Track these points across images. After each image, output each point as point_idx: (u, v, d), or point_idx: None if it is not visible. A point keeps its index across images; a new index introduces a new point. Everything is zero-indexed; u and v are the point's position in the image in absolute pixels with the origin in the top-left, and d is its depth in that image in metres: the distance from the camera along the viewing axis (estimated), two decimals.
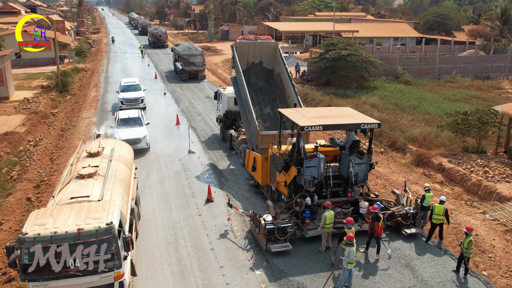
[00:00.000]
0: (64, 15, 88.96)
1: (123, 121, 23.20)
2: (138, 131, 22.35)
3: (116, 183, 12.36)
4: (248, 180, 19.01)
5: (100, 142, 14.78)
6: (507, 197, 17.25)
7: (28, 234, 9.53)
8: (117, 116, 23.79)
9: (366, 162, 14.91)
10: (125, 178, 13.33)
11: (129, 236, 10.38)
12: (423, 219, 14.83)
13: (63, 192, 11.65)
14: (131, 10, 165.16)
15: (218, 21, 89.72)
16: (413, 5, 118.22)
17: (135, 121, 23.21)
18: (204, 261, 13.25)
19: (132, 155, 15.71)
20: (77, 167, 12.97)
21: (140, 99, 30.23)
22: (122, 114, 23.85)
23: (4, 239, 14.30)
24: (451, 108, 28.32)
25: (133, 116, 23.58)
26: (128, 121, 23.12)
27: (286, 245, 13.51)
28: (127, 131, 22.18)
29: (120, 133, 21.74)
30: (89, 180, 12.12)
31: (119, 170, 13.33)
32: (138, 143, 21.67)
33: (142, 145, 21.94)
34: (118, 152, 14.54)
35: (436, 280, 12.49)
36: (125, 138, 20.55)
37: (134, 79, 33.13)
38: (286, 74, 21.10)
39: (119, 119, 23.29)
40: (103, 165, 13.09)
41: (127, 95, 30.15)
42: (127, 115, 23.62)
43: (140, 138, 21.96)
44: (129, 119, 23.32)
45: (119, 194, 11.89)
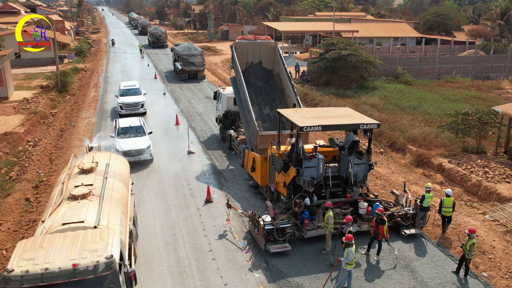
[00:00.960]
0: (64, 15, 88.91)
1: (124, 130, 21.66)
2: (140, 141, 20.86)
3: (113, 204, 11.13)
4: (247, 181, 18.97)
5: (94, 157, 13.40)
6: (507, 197, 17.21)
7: (14, 272, 8.14)
8: (117, 124, 22.16)
9: (365, 163, 14.88)
10: (123, 197, 12.14)
11: (132, 271, 9.17)
12: (422, 220, 14.80)
13: (54, 216, 10.22)
14: (131, 10, 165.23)
15: (218, 21, 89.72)
16: (413, 5, 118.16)
17: (137, 130, 21.74)
18: (203, 262, 13.21)
19: (128, 169, 14.32)
20: (68, 186, 11.65)
21: (141, 103, 29.04)
22: (123, 123, 22.25)
23: (3, 240, 14.27)
24: (451, 108, 28.28)
25: (134, 124, 22.05)
26: (129, 130, 21.66)
27: (285, 245, 13.47)
28: (129, 141, 20.81)
29: (122, 144, 20.46)
30: (83, 201, 10.77)
31: (116, 188, 12.10)
32: (141, 155, 20.39)
33: (145, 157, 20.56)
34: (114, 168, 13.17)
35: (436, 281, 12.45)
36: (127, 149, 19.80)
37: (134, 83, 31.93)
38: (286, 74, 21.06)
39: (119, 128, 21.68)
40: (97, 183, 11.76)
41: (126, 99, 29.00)
42: (128, 124, 22.07)
43: (144, 149, 20.44)
44: (130, 128, 21.80)
45: (117, 217, 10.70)
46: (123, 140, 20.95)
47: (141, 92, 30.27)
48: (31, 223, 15.37)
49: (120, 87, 30.83)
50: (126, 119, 23.16)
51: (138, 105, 28.88)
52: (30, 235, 14.47)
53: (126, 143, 20.61)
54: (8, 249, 13.88)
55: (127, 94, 29.63)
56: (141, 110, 28.91)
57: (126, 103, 28.58)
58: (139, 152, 20.32)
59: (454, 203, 14.67)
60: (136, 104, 28.79)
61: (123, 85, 31.00)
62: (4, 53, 32.19)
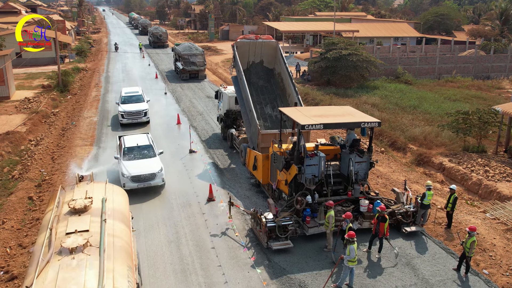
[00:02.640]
0: (64, 15, 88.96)
1: (131, 150, 18.76)
2: (151, 164, 18.01)
3: (118, 258, 8.75)
4: (249, 179, 19.06)
5: (86, 190, 10.73)
6: (507, 196, 17.30)
7: None
8: (122, 143, 19.28)
9: (366, 161, 14.98)
10: (126, 244, 9.65)
11: None
12: (423, 217, 14.89)
13: (43, 280, 7.70)
14: (131, 10, 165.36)
15: (218, 21, 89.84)
16: (413, 5, 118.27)
17: (145, 150, 18.90)
18: (205, 260, 13.30)
19: (127, 202, 11.75)
20: (58, 233, 9.04)
21: (143, 112, 26.86)
22: (129, 141, 19.29)
23: (6, 238, 14.37)
24: (451, 108, 28.37)
25: (142, 143, 19.19)
26: (137, 151, 18.82)
27: (287, 242, 13.57)
28: (137, 164, 17.95)
29: (129, 167, 17.63)
30: (79, 257, 8.23)
31: (118, 233, 9.60)
32: (153, 180, 17.51)
33: (157, 182, 17.66)
34: (112, 203, 10.54)
35: (437, 278, 12.53)
36: (135, 174, 17.26)
37: (136, 89, 29.79)
38: (287, 73, 21.15)
39: (125, 148, 18.78)
40: (94, 227, 9.19)
41: (128, 107, 26.86)
42: (135, 143, 19.12)
43: (155, 173, 17.54)
44: (137, 147, 18.90)
45: (123, 276, 8.33)
46: (130, 162, 18.06)
47: (143, 99, 28.34)
48: (34, 222, 15.47)
49: (121, 93, 28.99)
50: (132, 137, 19.99)
51: (141, 114, 26.83)
52: (33, 234, 14.61)
53: (134, 166, 17.76)
54: (12, 247, 13.98)
55: (128, 101, 27.71)
56: (144, 119, 26.95)
57: (127, 111, 26.55)
58: (150, 177, 17.46)
59: (456, 199, 14.78)
60: (139, 113, 26.74)
61: (125, 91, 29.07)
62: (5, 53, 32.27)
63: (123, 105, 27.16)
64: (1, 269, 12.81)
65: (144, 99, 28.26)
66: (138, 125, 26.79)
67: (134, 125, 26.66)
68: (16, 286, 12.10)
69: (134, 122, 26.56)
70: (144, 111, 26.88)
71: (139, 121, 26.70)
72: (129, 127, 26.39)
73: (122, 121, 26.54)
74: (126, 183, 17.12)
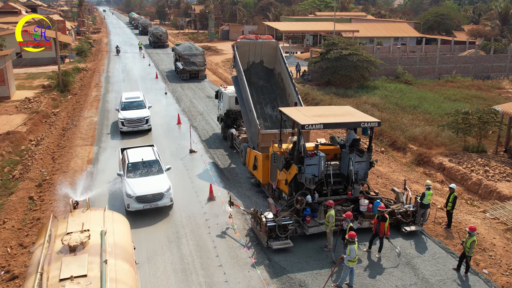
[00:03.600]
0: (64, 15, 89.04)
1: (135, 166, 16.98)
2: (158, 182, 16.32)
3: None
4: (249, 179, 19.09)
5: (83, 221, 9.17)
6: (507, 196, 17.33)
7: None
8: (125, 158, 17.53)
9: (366, 161, 15.00)
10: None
11: None
12: (422, 217, 14.92)
13: None
14: (131, 10, 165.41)
15: (219, 21, 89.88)
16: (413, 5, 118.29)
17: (151, 166, 17.18)
18: (206, 259, 13.32)
19: (129, 232, 10.22)
20: (50, 278, 7.61)
21: (145, 119, 25.32)
22: (133, 156, 17.56)
23: (7, 238, 14.40)
24: (451, 108, 28.38)
25: (148, 158, 17.46)
26: (142, 167, 17.04)
27: (287, 242, 13.60)
28: (143, 182, 16.22)
29: (134, 186, 15.86)
30: None
31: (121, 276, 8.14)
32: (160, 200, 15.80)
33: (164, 202, 15.92)
34: (112, 236, 9.12)
35: (437, 278, 12.56)
36: (141, 194, 15.56)
37: (137, 94, 28.27)
38: (287, 73, 21.18)
39: (129, 164, 17.01)
40: (93, 271, 7.80)
41: (129, 114, 25.31)
42: (140, 157, 17.42)
43: (163, 192, 15.83)
44: (142, 163, 17.17)
45: None
46: (135, 180, 16.31)
47: (145, 105, 26.73)
48: (35, 221, 15.50)
49: (121, 99, 27.45)
50: (136, 150, 18.31)
51: (142, 121, 25.25)
52: (34, 234, 14.64)
53: (140, 185, 16.03)
54: (13, 246, 14.01)
55: (129, 107, 26.16)
56: (145, 126, 25.39)
57: (128, 118, 24.95)
58: (157, 197, 15.77)
59: (455, 198, 14.84)
60: (140, 120, 25.18)
61: (125, 96, 27.61)
62: (5, 53, 32.31)
63: (123, 112, 25.60)
64: (2, 268, 12.85)
65: (145, 105, 26.78)
66: (139, 133, 25.44)
67: (135, 133, 25.28)
68: (16, 285, 12.13)
69: (135, 129, 25.06)
70: (146, 118, 25.37)
71: (140, 129, 25.22)
72: (129, 135, 25.02)
73: (122, 129, 25.03)
74: (130, 204, 15.56)
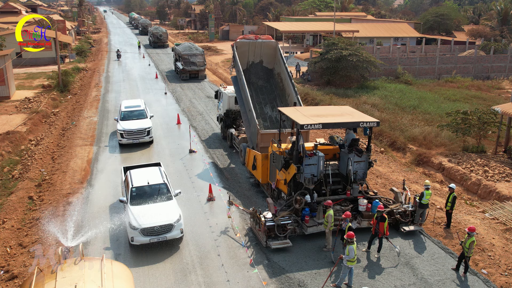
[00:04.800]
0: (64, 15, 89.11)
1: (140, 192, 14.82)
2: (166, 210, 14.15)
3: None
4: (248, 179, 19.11)
5: (75, 279, 7.66)
6: (506, 196, 17.33)
7: None
8: (129, 181, 15.29)
9: (365, 160, 15.02)
10: None
11: None
12: (421, 217, 14.93)
13: None
14: (132, 9, 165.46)
15: (219, 21, 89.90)
16: (413, 5, 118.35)
17: (159, 190, 14.95)
18: (205, 259, 13.33)
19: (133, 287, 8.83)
20: None
21: (146, 130, 23.15)
22: (137, 178, 15.35)
23: (7, 237, 14.41)
24: (451, 108, 28.39)
25: (155, 181, 15.19)
26: (148, 192, 14.89)
27: (286, 242, 13.62)
28: (149, 211, 14.01)
29: (139, 216, 13.70)
30: None
31: None
32: (169, 232, 13.66)
33: (174, 235, 13.77)
34: None
35: (436, 278, 12.57)
36: (148, 226, 13.42)
37: (137, 102, 26.08)
38: (286, 73, 21.20)
39: (133, 189, 14.84)
40: None
41: (128, 125, 23.24)
42: (146, 180, 15.16)
43: (172, 223, 13.69)
44: (149, 187, 14.98)
45: None
46: (140, 209, 14.12)
47: (146, 115, 24.64)
48: (34, 221, 15.51)
49: (120, 108, 25.38)
50: (141, 171, 16.02)
51: (143, 133, 23.13)
52: (33, 233, 14.65)
53: (145, 214, 13.87)
54: (12, 246, 14.02)
55: (129, 117, 24.12)
56: (147, 138, 23.28)
57: (128, 130, 22.89)
58: (165, 229, 13.61)
59: (455, 198, 14.87)
60: (141, 132, 23.08)
61: (125, 105, 25.48)
62: (5, 53, 32.31)
63: (122, 122, 23.55)
64: (1, 268, 12.86)
65: (147, 115, 24.73)
66: (141, 144, 23.46)
67: (136, 145, 23.36)
68: (16, 285, 12.15)
69: (136, 142, 23.10)
70: (147, 130, 23.24)
71: (141, 141, 23.24)
72: (130, 147, 23.10)
73: (122, 141, 23.05)
74: (135, 237, 13.47)
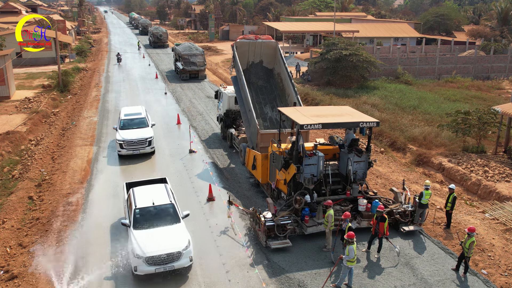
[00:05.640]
0: (64, 15, 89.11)
1: (145, 214, 13.29)
2: (174, 235, 12.69)
3: None
4: (248, 179, 19.10)
5: None
6: (506, 196, 17.33)
7: None
8: (132, 201, 13.67)
9: (365, 160, 15.02)
10: None
11: None
12: (421, 217, 14.92)
13: None
14: (132, 9, 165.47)
15: (219, 21, 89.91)
16: (413, 5, 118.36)
17: (165, 212, 13.46)
18: (205, 259, 13.31)
19: None
20: None
21: (147, 140, 21.47)
22: (141, 198, 13.78)
23: (7, 238, 14.40)
24: (451, 108, 28.39)
25: (161, 202, 13.65)
26: (154, 214, 13.34)
27: (285, 241, 13.62)
28: (155, 237, 12.57)
29: (144, 244, 12.25)
30: None
31: None
32: (177, 261, 12.20)
33: (182, 263, 12.30)
34: None
35: (435, 278, 12.56)
36: (153, 255, 12.00)
37: (138, 110, 24.27)
38: (286, 73, 21.20)
39: (137, 210, 13.28)
40: None
41: (128, 134, 21.57)
42: (150, 200, 13.60)
43: (180, 251, 12.25)
44: (154, 209, 13.44)
45: None
46: (144, 234, 12.66)
47: (147, 123, 22.91)
48: (34, 221, 15.51)
49: (119, 116, 23.59)
50: (145, 190, 14.44)
51: (144, 143, 21.46)
52: (33, 233, 14.65)
53: (151, 240, 12.43)
54: (12, 246, 14.01)
55: (129, 126, 22.46)
56: (148, 149, 21.62)
57: (127, 140, 21.24)
58: (173, 257, 12.17)
59: (455, 198, 14.87)
60: (142, 142, 21.41)
61: (124, 113, 23.72)
62: (5, 53, 32.32)
63: (122, 132, 21.87)
64: (1, 268, 12.85)
65: (148, 123, 22.97)
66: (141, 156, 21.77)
67: (137, 156, 21.71)
68: (16, 285, 12.14)
69: (136, 153, 21.43)
70: (149, 140, 21.57)
71: (142, 152, 21.55)
72: (130, 158, 21.53)
73: (121, 152, 21.36)
74: (138, 267, 12.01)
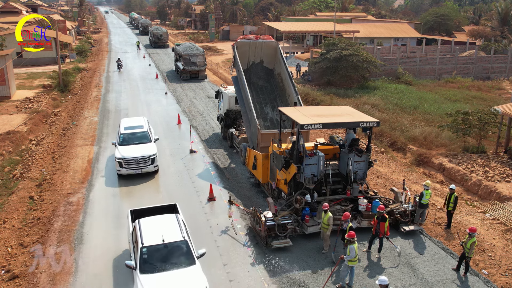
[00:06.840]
0: (65, 15, 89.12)
1: (154, 254, 11.24)
2: (189, 281, 10.83)
3: None
4: (249, 179, 19.11)
5: None
6: (507, 196, 17.34)
7: None
8: (138, 237, 11.56)
9: (365, 160, 15.03)
10: None
11: None
12: (421, 217, 14.93)
13: None
14: (132, 9, 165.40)
15: (219, 21, 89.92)
16: (414, 5, 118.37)
17: (178, 251, 11.49)
18: (206, 259, 13.30)
19: None
20: None
21: (150, 158, 18.90)
22: (149, 233, 11.61)
23: (7, 237, 14.42)
24: (451, 108, 28.40)
25: (172, 239, 11.53)
26: (165, 254, 11.32)
27: (286, 241, 13.64)
28: (167, 283, 10.66)
29: None
30: None
31: None
32: None
33: None
34: None
35: (436, 278, 12.57)
36: None
37: (139, 121, 21.66)
38: (287, 73, 21.21)
39: (144, 250, 11.20)
40: None
41: (129, 152, 18.95)
42: (160, 237, 11.45)
43: None
44: (165, 247, 11.37)
45: None
46: (154, 279, 10.73)
47: (150, 138, 20.31)
48: (35, 221, 15.52)
49: (119, 128, 21.04)
50: (154, 222, 12.22)
51: (146, 161, 18.88)
52: (34, 233, 14.65)
53: (162, 286, 10.58)
54: (13, 246, 14.02)
55: (129, 141, 19.93)
56: (151, 168, 19.05)
57: (128, 158, 18.62)
58: None
59: (456, 198, 14.88)
60: (144, 160, 18.83)
61: (124, 125, 21.07)
62: (6, 53, 32.34)
63: (121, 148, 19.24)
64: (2, 268, 12.87)
65: (151, 138, 20.37)
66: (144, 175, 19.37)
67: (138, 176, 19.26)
68: (17, 285, 12.15)
69: (137, 172, 18.87)
70: (152, 157, 18.99)
71: (144, 171, 18.99)
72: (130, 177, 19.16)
73: (120, 171, 18.76)
74: None
